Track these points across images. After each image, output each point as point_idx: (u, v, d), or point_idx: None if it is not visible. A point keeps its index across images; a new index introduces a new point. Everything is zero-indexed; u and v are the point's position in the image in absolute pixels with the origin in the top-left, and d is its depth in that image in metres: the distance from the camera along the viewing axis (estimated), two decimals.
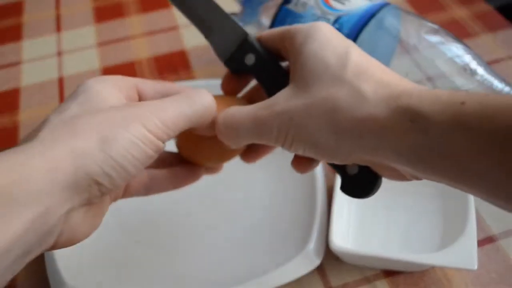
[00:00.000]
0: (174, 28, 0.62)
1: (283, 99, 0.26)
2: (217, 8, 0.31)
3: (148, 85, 0.29)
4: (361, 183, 0.26)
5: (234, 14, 0.50)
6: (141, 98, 0.28)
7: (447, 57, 0.39)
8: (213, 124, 0.28)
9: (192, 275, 0.38)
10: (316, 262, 0.36)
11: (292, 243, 0.37)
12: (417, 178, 0.25)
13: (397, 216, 0.40)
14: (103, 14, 0.66)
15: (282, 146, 0.26)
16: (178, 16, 0.64)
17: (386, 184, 0.28)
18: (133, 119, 0.24)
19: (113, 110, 0.24)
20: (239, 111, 0.27)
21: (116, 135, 0.23)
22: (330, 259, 0.38)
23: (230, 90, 0.32)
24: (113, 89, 0.26)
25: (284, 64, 0.30)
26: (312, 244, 0.36)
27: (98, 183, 0.22)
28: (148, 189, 0.31)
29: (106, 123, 0.23)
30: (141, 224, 0.41)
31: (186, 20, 0.33)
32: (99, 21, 0.65)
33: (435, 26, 0.41)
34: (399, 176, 0.25)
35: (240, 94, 0.33)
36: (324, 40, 0.26)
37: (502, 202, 0.21)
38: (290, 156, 0.29)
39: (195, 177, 0.33)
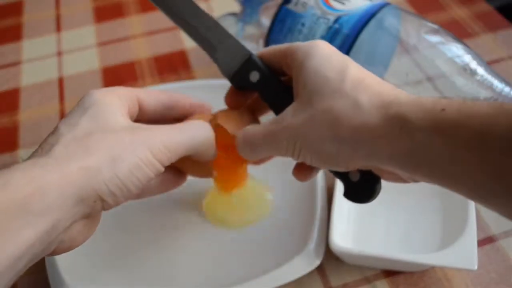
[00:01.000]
0: (174, 28, 0.62)
1: (290, 114, 0.28)
2: (221, 29, 0.33)
3: (149, 94, 0.31)
4: (363, 188, 0.28)
5: (234, 14, 0.50)
6: (141, 108, 0.31)
7: (447, 57, 0.39)
8: (208, 152, 0.31)
9: (192, 275, 0.38)
10: (316, 262, 0.36)
11: (292, 243, 0.37)
12: (416, 181, 0.26)
13: (397, 216, 0.40)
14: (103, 14, 0.66)
15: (292, 156, 0.29)
16: None
17: (386, 184, 0.29)
18: (141, 143, 0.26)
19: (123, 132, 0.26)
20: (254, 129, 0.30)
21: (124, 157, 0.25)
22: (330, 259, 0.38)
23: (234, 105, 0.34)
24: (118, 102, 0.28)
25: (284, 78, 0.32)
26: (312, 244, 0.36)
27: (103, 200, 0.25)
28: (138, 195, 0.32)
29: (116, 144, 0.25)
30: (141, 224, 0.41)
31: None
32: (99, 21, 0.65)
33: (435, 26, 0.41)
34: (399, 179, 0.27)
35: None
36: (324, 57, 0.28)
37: (483, 201, 0.22)
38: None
39: (181, 181, 0.35)
